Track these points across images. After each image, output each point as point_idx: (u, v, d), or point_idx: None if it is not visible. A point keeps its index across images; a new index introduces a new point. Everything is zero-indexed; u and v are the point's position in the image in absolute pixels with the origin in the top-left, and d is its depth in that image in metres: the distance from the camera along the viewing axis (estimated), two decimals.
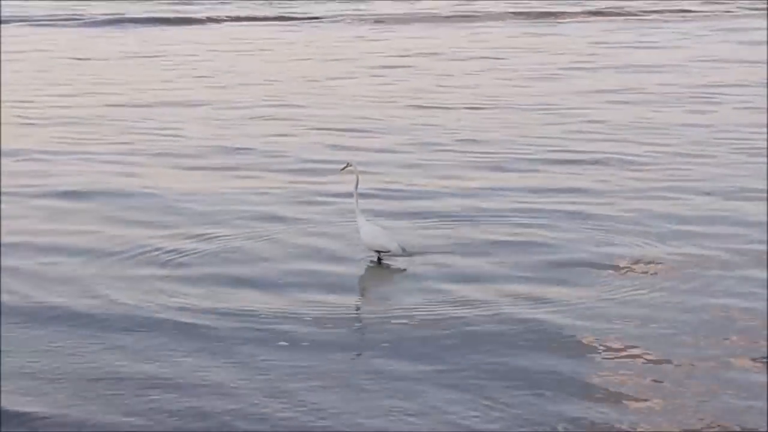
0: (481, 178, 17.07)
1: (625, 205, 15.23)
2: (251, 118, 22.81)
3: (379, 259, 12.73)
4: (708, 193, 15.93)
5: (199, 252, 13.21)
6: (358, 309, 11.44)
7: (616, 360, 9.95)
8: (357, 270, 12.66)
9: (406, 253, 12.69)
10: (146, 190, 16.36)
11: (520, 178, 17.07)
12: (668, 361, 9.89)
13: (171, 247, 13.37)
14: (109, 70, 30.99)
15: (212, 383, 9.44)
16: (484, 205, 15.37)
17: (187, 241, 13.65)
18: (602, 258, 12.87)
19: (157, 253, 13.18)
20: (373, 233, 12.58)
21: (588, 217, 14.63)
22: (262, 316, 11.04)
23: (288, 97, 25.61)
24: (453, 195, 15.96)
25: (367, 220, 12.77)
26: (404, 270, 12.56)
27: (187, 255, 13.10)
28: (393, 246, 12.57)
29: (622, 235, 13.80)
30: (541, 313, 11.06)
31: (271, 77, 29.13)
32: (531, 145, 19.68)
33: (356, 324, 10.92)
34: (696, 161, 18.17)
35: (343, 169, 12.92)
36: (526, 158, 18.56)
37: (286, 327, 10.71)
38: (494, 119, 22.52)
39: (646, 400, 9.12)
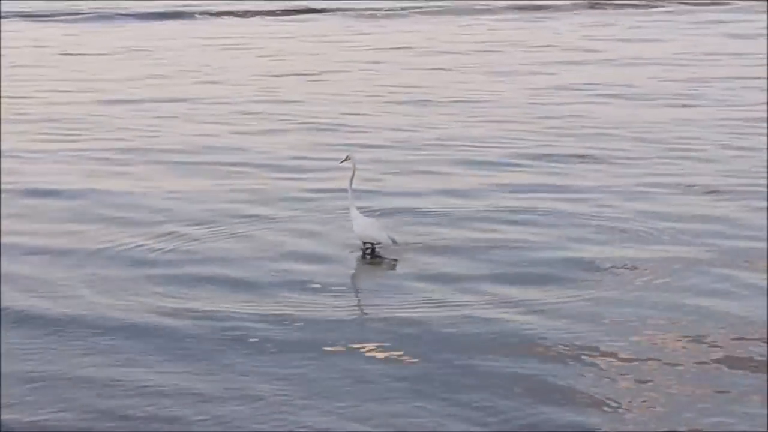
0: (465, 175, 16.98)
1: (610, 202, 15.10)
2: (233, 113, 22.77)
3: (372, 250, 12.77)
4: (692, 188, 15.87)
5: (174, 251, 13.09)
6: (335, 309, 11.24)
7: (597, 362, 9.76)
8: (336, 270, 12.54)
9: (395, 244, 12.78)
10: (126, 188, 16.23)
11: (503, 175, 16.95)
12: (651, 363, 9.74)
13: (146, 246, 13.25)
14: (100, 65, 30.95)
15: (184, 387, 9.30)
16: (467, 202, 15.25)
17: (163, 239, 13.53)
18: (585, 257, 12.70)
19: (130, 251, 13.05)
20: (363, 225, 12.80)
21: (572, 215, 14.49)
22: (237, 316, 10.90)
23: (278, 93, 25.59)
24: (437, 193, 15.83)
25: (360, 212, 12.92)
26: (393, 269, 12.50)
27: (161, 253, 12.98)
28: (383, 238, 12.75)
29: (605, 233, 13.65)
30: (520, 314, 10.91)
31: (262, 72, 29.08)
32: (517, 139, 19.64)
33: (331, 325, 10.74)
34: (682, 157, 18.06)
35: (343, 161, 13.15)
36: (512, 154, 18.46)
37: (261, 328, 10.58)
38: (482, 114, 22.44)
39: (626, 404, 8.97)
